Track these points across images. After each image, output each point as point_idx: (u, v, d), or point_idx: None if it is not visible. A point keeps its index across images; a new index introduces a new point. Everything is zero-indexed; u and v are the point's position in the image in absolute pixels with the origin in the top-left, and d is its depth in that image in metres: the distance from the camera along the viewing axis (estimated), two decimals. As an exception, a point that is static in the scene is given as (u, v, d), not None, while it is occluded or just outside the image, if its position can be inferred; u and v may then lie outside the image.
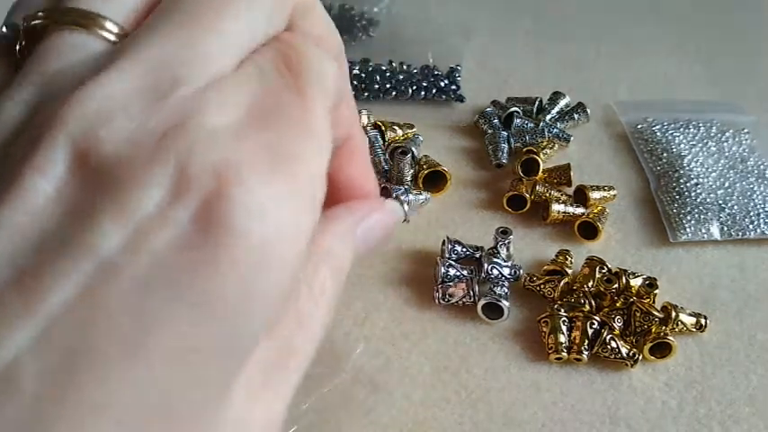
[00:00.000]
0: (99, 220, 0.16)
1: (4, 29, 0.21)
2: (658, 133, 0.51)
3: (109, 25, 0.19)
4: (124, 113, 0.17)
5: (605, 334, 0.37)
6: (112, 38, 0.19)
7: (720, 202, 0.46)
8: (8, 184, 0.17)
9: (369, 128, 0.49)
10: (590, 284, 0.40)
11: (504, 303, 0.39)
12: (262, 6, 0.20)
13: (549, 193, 0.46)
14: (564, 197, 0.46)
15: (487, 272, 0.40)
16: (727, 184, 0.47)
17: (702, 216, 0.45)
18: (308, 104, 0.19)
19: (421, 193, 0.46)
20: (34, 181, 0.17)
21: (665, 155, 0.49)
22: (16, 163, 0.17)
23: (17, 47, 0.20)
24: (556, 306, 0.39)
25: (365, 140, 0.27)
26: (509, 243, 0.41)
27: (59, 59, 0.19)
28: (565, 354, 0.37)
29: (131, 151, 0.17)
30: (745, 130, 0.51)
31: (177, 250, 0.16)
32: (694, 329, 0.39)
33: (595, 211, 0.45)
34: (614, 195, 0.46)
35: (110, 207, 0.16)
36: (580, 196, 0.46)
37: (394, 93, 0.54)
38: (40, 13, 0.19)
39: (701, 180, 0.47)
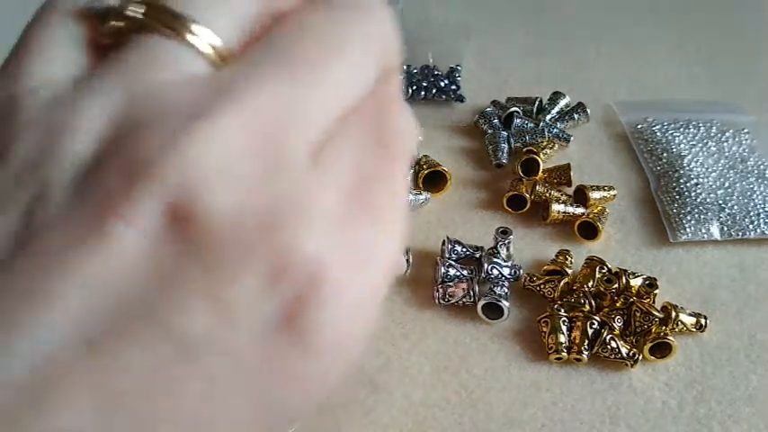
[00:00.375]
0: (190, 300, 0.14)
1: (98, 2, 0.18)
2: (658, 133, 0.51)
3: (211, 39, 0.17)
4: (232, 178, 0.15)
5: (605, 334, 0.37)
6: (212, 55, 0.17)
7: (720, 202, 0.46)
8: (90, 227, 0.14)
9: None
10: (590, 284, 0.40)
11: (505, 303, 0.39)
12: (368, 61, 0.18)
13: (549, 193, 0.46)
14: (564, 197, 0.46)
15: (487, 272, 0.40)
16: (727, 184, 0.47)
17: (702, 216, 0.45)
18: (397, 180, 0.18)
19: (421, 193, 0.46)
20: (120, 232, 0.14)
21: (665, 155, 0.49)
22: (99, 201, 0.15)
23: (105, 25, 0.17)
24: (556, 306, 0.39)
25: None
26: (509, 243, 0.41)
27: (153, 69, 0.16)
28: (565, 354, 0.37)
29: (235, 227, 0.15)
30: (745, 130, 0.51)
31: (259, 345, 0.15)
32: (694, 329, 0.39)
33: (595, 211, 0.45)
34: (614, 195, 0.46)
35: (203, 287, 0.15)
36: (580, 196, 0.46)
37: (394, 93, 0.54)
38: (141, 8, 0.17)
39: (701, 180, 0.47)
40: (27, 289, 0.14)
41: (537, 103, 0.53)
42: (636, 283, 0.40)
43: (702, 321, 0.39)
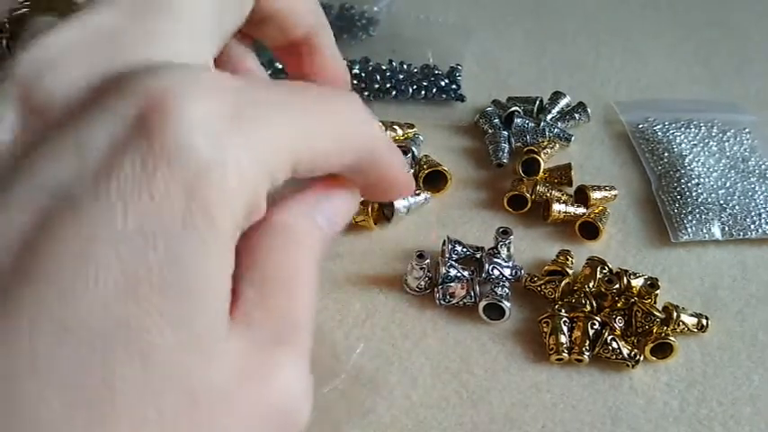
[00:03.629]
0: (55, 154, 0.17)
1: None
2: (659, 133, 0.51)
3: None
4: (74, 60, 0.18)
5: (606, 334, 0.37)
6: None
7: (722, 201, 0.46)
8: None
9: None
10: (591, 285, 0.40)
11: (506, 304, 0.39)
12: None
13: (550, 193, 0.45)
14: (565, 197, 0.46)
15: (488, 272, 0.40)
16: (728, 184, 0.47)
17: (704, 216, 0.45)
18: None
19: (421, 193, 0.46)
20: None
21: (666, 154, 0.49)
22: None
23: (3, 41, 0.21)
24: (557, 306, 0.39)
25: (330, 35, 0.27)
26: (510, 243, 0.41)
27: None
28: (566, 354, 0.37)
29: (80, 94, 0.18)
30: (747, 130, 0.51)
31: (122, 171, 0.16)
32: (695, 330, 0.39)
33: (596, 211, 0.45)
34: (615, 195, 0.46)
35: (59, 142, 0.17)
36: (581, 196, 0.46)
37: (394, 92, 0.54)
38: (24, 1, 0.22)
39: (702, 180, 0.47)
40: None
41: (537, 102, 0.52)
42: (637, 283, 0.40)
43: (704, 322, 0.39)
